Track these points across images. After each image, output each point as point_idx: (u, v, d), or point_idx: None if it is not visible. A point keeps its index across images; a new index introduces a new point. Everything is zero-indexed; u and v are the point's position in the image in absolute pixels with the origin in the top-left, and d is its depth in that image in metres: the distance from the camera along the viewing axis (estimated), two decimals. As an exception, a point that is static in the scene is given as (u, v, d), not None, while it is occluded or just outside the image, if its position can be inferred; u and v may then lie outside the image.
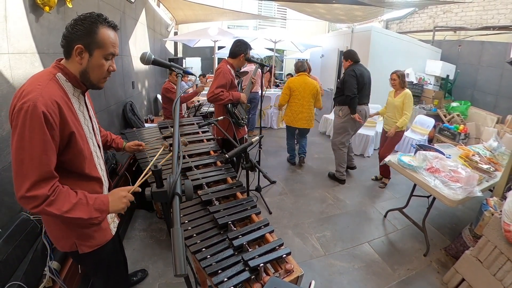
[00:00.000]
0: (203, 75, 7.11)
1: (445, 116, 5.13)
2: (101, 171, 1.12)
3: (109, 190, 1.24)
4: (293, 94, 3.63)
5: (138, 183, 1.09)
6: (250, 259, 1.10)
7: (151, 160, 1.93)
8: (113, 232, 1.19)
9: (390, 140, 3.28)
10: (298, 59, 5.44)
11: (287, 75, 7.58)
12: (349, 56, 3.30)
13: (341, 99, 3.32)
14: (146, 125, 3.52)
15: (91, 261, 1.16)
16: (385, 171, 3.51)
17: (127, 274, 1.59)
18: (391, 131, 3.18)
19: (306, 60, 7.13)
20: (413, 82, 5.47)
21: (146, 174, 1.14)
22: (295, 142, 4.19)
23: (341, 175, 3.53)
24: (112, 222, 1.19)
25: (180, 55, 8.74)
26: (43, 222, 1.05)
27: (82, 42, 0.91)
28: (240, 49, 2.48)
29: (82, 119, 1.01)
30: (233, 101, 2.46)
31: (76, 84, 0.98)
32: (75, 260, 1.24)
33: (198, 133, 2.34)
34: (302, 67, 3.70)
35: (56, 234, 1.06)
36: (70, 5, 1.93)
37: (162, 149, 1.60)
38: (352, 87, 3.16)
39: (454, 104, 5.23)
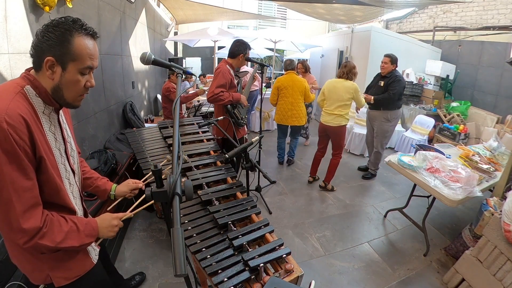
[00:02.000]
0: (203, 75, 7.12)
1: (445, 116, 5.13)
2: (74, 200, 0.98)
3: (86, 216, 1.10)
4: (281, 93, 3.65)
5: (130, 211, 1.07)
6: (250, 259, 1.10)
7: (151, 161, 1.94)
8: (94, 261, 1.06)
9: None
10: (299, 59, 5.44)
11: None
12: (395, 61, 3.36)
13: (393, 104, 3.39)
14: (146, 125, 3.53)
15: None
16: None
17: None
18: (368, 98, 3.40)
19: (306, 60, 7.12)
20: (413, 82, 5.47)
21: (140, 202, 1.10)
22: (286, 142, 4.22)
23: (375, 171, 3.78)
24: (93, 250, 1.07)
25: (180, 55, 8.73)
26: (10, 254, 0.92)
27: (53, 54, 0.77)
28: (239, 49, 2.48)
29: (53, 141, 0.86)
30: (233, 102, 2.47)
31: (47, 100, 0.83)
32: None
33: (198, 133, 2.34)
34: (290, 65, 3.71)
35: (27, 267, 0.93)
36: (70, 5, 1.93)
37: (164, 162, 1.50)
38: (398, 92, 3.31)
39: (454, 104, 5.23)
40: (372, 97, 3.41)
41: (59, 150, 0.90)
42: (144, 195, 1.06)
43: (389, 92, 3.29)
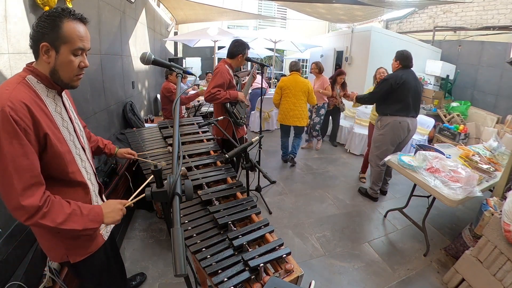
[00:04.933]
0: (210, 73, 7.12)
1: (445, 116, 5.13)
2: (87, 175, 1.06)
3: (100, 193, 1.20)
4: (284, 92, 3.71)
5: (132, 199, 1.07)
6: (250, 259, 1.10)
7: (151, 161, 1.93)
8: (105, 237, 1.17)
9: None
10: (298, 60, 5.45)
11: (281, 76, 7.63)
12: (399, 57, 2.85)
13: (380, 108, 2.94)
14: (146, 125, 3.53)
15: (83, 268, 1.13)
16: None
17: (121, 280, 1.54)
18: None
19: (306, 61, 7.14)
20: (413, 82, 5.46)
21: (141, 191, 1.10)
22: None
23: (374, 193, 3.16)
24: (105, 228, 1.14)
25: (180, 55, 8.74)
26: (34, 233, 1.04)
27: (47, 40, 0.85)
28: (238, 49, 2.48)
29: (59, 121, 0.95)
30: (230, 99, 2.46)
31: (49, 84, 0.93)
32: (69, 269, 1.18)
33: (198, 133, 2.34)
34: (294, 66, 3.75)
35: (46, 244, 1.03)
36: (70, 5, 1.93)
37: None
38: (378, 93, 2.84)
39: (454, 104, 5.24)
40: (355, 94, 3.05)
41: (66, 128, 0.98)
42: (143, 185, 1.12)
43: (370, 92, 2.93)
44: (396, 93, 2.76)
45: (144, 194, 1.03)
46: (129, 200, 1.06)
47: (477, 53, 5.34)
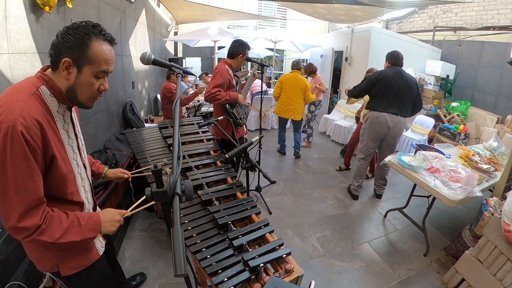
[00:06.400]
0: (205, 73, 7.14)
1: (445, 116, 5.13)
2: (85, 193, 1.02)
3: (94, 209, 1.14)
4: (283, 87, 4.01)
5: (131, 210, 1.06)
6: (250, 259, 1.10)
7: (151, 161, 1.93)
8: (100, 252, 1.10)
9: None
10: (299, 59, 5.45)
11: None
12: (387, 57, 2.98)
13: (368, 104, 3.05)
14: (146, 125, 3.53)
15: (77, 284, 1.06)
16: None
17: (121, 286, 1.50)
18: None
19: (306, 60, 7.15)
20: (413, 82, 5.46)
21: (141, 201, 1.09)
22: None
23: (354, 189, 3.16)
24: (99, 242, 1.10)
25: (180, 55, 8.73)
26: (21, 242, 0.98)
27: (70, 55, 0.80)
28: (238, 49, 2.48)
29: (66, 139, 0.90)
30: (230, 101, 2.47)
31: (61, 99, 0.87)
32: (61, 281, 1.11)
33: (198, 133, 2.34)
34: (296, 65, 4.06)
35: (35, 255, 0.97)
36: (70, 5, 1.93)
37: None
38: (359, 86, 2.98)
39: (454, 104, 5.23)
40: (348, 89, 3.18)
41: (71, 146, 0.94)
42: (144, 196, 1.07)
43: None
44: (375, 88, 2.87)
45: (143, 207, 1.02)
46: (129, 210, 1.06)
47: (477, 53, 5.33)
